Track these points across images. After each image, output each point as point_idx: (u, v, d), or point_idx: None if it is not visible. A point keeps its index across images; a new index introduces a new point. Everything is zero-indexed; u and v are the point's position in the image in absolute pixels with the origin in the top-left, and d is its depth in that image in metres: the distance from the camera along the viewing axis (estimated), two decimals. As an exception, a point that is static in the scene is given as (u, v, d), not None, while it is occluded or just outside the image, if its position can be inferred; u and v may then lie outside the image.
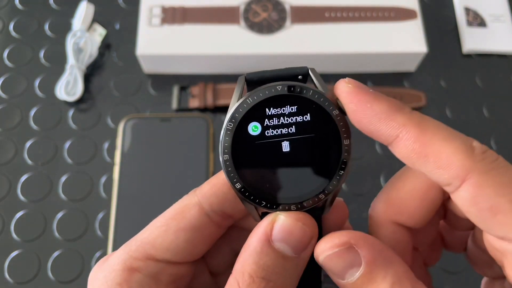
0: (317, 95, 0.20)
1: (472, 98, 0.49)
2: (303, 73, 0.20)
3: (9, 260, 0.40)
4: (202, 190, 0.22)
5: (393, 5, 0.49)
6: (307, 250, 0.19)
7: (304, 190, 0.20)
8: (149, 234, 0.22)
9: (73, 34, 0.47)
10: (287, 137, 0.20)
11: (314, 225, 0.20)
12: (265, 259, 0.19)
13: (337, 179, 0.20)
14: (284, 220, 0.19)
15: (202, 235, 0.22)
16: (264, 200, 0.20)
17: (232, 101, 0.20)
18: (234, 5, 0.48)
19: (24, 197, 0.43)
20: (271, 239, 0.19)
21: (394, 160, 0.48)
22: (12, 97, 0.47)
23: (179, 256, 0.21)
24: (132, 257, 0.21)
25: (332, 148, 0.20)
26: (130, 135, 0.44)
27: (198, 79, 0.48)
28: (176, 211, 0.22)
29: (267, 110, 0.20)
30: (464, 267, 0.42)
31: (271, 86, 0.20)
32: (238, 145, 0.19)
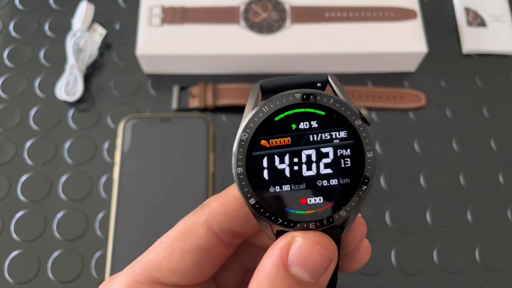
0: (339, 103, 0.18)
1: (472, 98, 0.49)
2: (322, 80, 0.19)
3: (9, 260, 0.40)
4: (210, 208, 0.20)
5: (393, 5, 0.49)
6: (326, 274, 0.18)
7: (323, 207, 0.18)
8: (154, 256, 0.20)
9: (73, 34, 0.47)
10: (306, 149, 0.18)
11: (334, 248, 0.18)
12: (281, 284, 0.17)
13: (360, 195, 0.18)
14: (302, 242, 0.18)
15: (210, 256, 0.20)
16: (280, 217, 0.18)
17: (246, 110, 0.19)
18: (234, 5, 0.48)
19: (24, 197, 0.43)
20: (287, 263, 0.17)
21: (394, 160, 0.49)
22: (12, 97, 0.47)
23: (186, 279, 0.20)
24: (137, 281, 0.20)
25: (355, 160, 0.18)
26: (130, 135, 0.44)
27: (198, 79, 0.48)
28: (181, 230, 0.20)
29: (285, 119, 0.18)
30: (464, 267, 0.42)
31: (288, 94, 0.18)
32: (253, 157, 0.18)
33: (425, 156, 0.46)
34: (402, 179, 0.45)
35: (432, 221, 0.43)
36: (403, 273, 0.41)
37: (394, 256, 0.42)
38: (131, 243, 0.40)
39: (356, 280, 0.41)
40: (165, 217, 0.41)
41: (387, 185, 0.44)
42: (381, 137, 0.46)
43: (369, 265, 0.41)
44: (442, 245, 0.42)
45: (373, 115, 0.48)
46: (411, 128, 0.47)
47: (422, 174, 0.45)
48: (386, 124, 0.47)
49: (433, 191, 0.44)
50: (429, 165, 0.46)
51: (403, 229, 0.43)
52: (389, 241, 0.42)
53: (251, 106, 0.19)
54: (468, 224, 0.43)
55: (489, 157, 0.46)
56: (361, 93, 0.48)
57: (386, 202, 0.44)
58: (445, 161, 0.46)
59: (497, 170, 0.46)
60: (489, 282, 0.41)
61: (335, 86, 0.19)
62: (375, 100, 0.48)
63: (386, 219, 0.43)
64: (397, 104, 0.48)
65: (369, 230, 0.43)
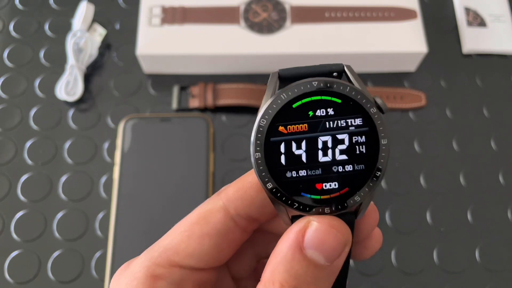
0: (354, 91, 0.19)
1: (472, 98, 0.49)
2: (338, 70, 0.20)
3: (9, 260, 0.40)
4: (228, 193, 0.21)
5: (393, 5, 0.49)
6: (340, 258, 0.18)
7: (338, 192, 0.19)
8: (172, 240, 0.21)
9: (73, 34, 0.47)
10: (322, 135, 0.19)
11: (348, 232, 0.19)
12: (297, 267, 0.18)
13: (374, 180, 0.19)
14: (317, 226, 0.18)
15: (227, 240, 0.21)
16: (296, 202, 0.19)
17: (265, 98, 0.19)
18: (234, 5, 0.48)
19: (24, 197, 0.43)
20: (303, 246, 0.18)
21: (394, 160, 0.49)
22: (12, 97, 0.47)
23: (204, 263, 0.21)
24: (155, 264, 0.20)
25: (370, 147, 0.19)
26: (130, 135, 0.44)
27: (198, 79, 0.48)
28: (199, 215, 0.21)
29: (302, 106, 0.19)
30: (464, 267, 0.42)
31: (305, 82, 0.19)
32: (271, 143, 0.19)
33: (425, 156, 0.46)
34: (402, 179, 0.45)
35: (432, 221, 0.43)
36: (403, 273, 0.41)
37: (394, 256, 0.42)
38: (131, 243, 0.40)
39: (356, 280, 0.41)
40: (165, 217, 0.41)
41: (387, 185, 0.44)
42: (381, 137, 0.46)
43: (369, 265, 0.41)
44: (442, 245, 0.42)
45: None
46: (411, 128, 0.47)
47: (422, 174, 0.45)
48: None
49: (433, 191, 0.44)
50: (429, 165, 0.46)
51: (403, 229, 0.43)
52: (389, 241, 0.42)
53: (269, 93, 0.19)
54: (468, 224, 0.43)
55: (489, 157, 0.46)
56: (361, 93, 0.48)
57: (386, 202, 0.44)
58: (445, 161, 0.46)
59: (497, 170, 0.46)
60: (489, 282, 0.41)
61: (350, 75, 0.19)
62: (375, 100, 0.48)
63: (386, 219, 0.43)
64: (397, 104, 0.48)
65: (369, 230, 0.43)
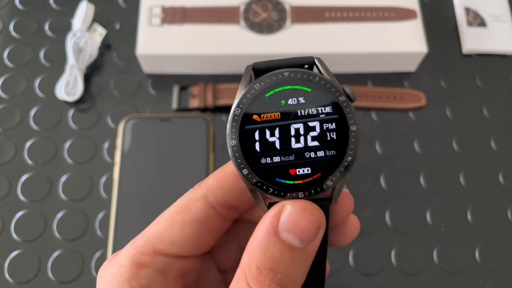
0: (323, 81, 0.20)
1: (472, 98, 0.49)
2: (309, 62, 0.21)
3: (9, 260, 0.40)
4: (207, 182, 0.22)
5: (393, 5, 0.49)
6: (315, 240, 0.19)
7: (311, 177, 0.19)
8: (156, 229, 0.21)
9: (73, 34, 0.47)
10: (294, 123, 0.19)
11: (321, 214, 0.19)
12: (272, 250, 0.18)
13: (345, 165, 0.20)
14: (291, 209, 0.19)
15: (208, 228, 0.22)
16: (271, 187, 0.19)
17: (239, 89, 0.20)
18: (234, 5, 0.48)
19: (24, 197, 0.43)
20: (277, 230, 0.18)
21: (394, 160, 0.49)
22: (12, 97, 0.47)
23: (186, 250, 0.21)
24: (140, 252, 0.21)
25: (340, 134, 0.20)
26: (130, 135, 0.44)
27: (198, 79, 0.48)
28: (181, 204, 0.22)
29: (275, 95, 0.19)
30: (464, 267, 0.42)
31: (277, 73, 0.20)
32: (246, 130, 0.19)
33: (425, 156, 0.46)
34: (402, 179, 0.45)
35: (432, 221, 0.43)
36: (403, 273, 0.41)
37: (394, 256, 0.42)
38: (131, 243, 0.40)
39: (356, 280, 0.41)
40: (165, 217, 0.41)
41: (387, 185, 0.44)
42: (381, 137, 0.46)
43: (369, 265, 0.41)
44: (442, 245, 0.42)
45: (373, 115, 0.48)
46: (411, 128, 0.47)
47: (422, 174, 0.45)
48: (386, 124, 0.47)
49: (433, 191, 0.44)
50: (429, 165, 0.45)
51: (403, 229, 0.43)
52: (389, 241, 0.42)
53: (244, 84, 0.20)
54: (468, 224, 0.43)
55: (489, 157, 0.46)
56: (361, 93, 0.48)
57: (386, 202, 0.44)
58: (445, 161, 0.46)
59: (497, 170, 0.46)
60: (489, 282, 0.41)
61: (321, 67, 0.20)
62: (375, 100, 0.48)
63: (386, 219, 0.43)
64: (397, 104, 0.48)
65: (369, 230, 0.43)
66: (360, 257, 0.41)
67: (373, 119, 0.47)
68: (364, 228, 0.43)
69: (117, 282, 0.20)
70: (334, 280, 0.41)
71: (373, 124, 0.47)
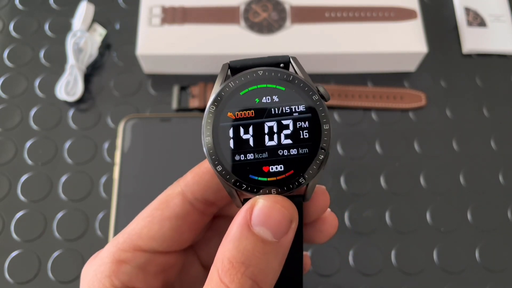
0: (297, 80, 0.20)
1: (472, 98, 0.49)
2: (284, 61, 0.21)
3: (9, 260, 0.40)
4: (185, 179, 0.22)
5: (393, 5, 0.49)
6: (288, 234, 0.19)
7: (284, 175, 0.20)
8: (136, 226, 0.22)
9: (73, 34, 0.47)
10: (268, 121, 0.20)
11: (293, 208, 0.20)
12: (245, 243, 0.18)
13: (317, 163, 0.20)
14: (263, 203, 0.19)
15: (187, 223, 0.22)
16: (244, 184, 0.20)
17: (215, 86, 0.20)
18: (234, 5, 0.48)
19: (24, 197, 0.43)
20: (250, 224, 0.18)
21: (394, 160, 0.49)
22: (12, 97, 0.47)
23: (166, 245, 0.22)
24: (120, 249, 0.21)
25: (313, 132, 0.20)
26: (130, 135, 0.44)
27: (198, 79, 0.48)
28: (160, 201, 0.22)
29: (249, 94, 0.20)
30: (464, 267, 0.42)
31: (252, 72, 0.20)
32: (220, 128, 0.20)
33: (425, 156, 0.46)
34: (402, 179, 0.45)
35: (432, 221, 0.43)
36: (403, 273, 0.41)
37: (394, 256, 0.42)
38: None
39: (356, 280, 0.41)
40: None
41: (387, 185, 0.44)
42: (381, 137, 0.46)
43: (369, 265, 0.41)
44: (442, 245, 0.42)
45: (373, 115, 0.48)
46: (411, 128, 0.47)
47: (422, 174, 0.45)
48: (386, 124, 0.47)
49: (433, 191, 0.44)
50: (429, 165, 0.46)
51: (403, 229, 0.43)
52: (389, 241, 0.42)
53: (219, 82, 0.20)
54: (468, 224, 0.43)
55: (489, 157, 0.46)
56: (361, 93, 0.48)
57: (386, 202, 0.44)
58: (445, 161, 0.46)
59: (497, 170, 0.46)
60: (489, 282, 0.41)
61: (296, 66, 0.21)
62: (375, 100, 0.48)
63: (386, 219, 0.43)
64: (397, 104, 0.48)
65: (369, 230, 0.43)
66: (360, 257, 0.41)
67: (373, 119, 0.47)
68: (364, 228, 0.43)
69: (98, 278, 0.21)
70: (334, 280, 0.41)
71: (373, 124, 0.47)
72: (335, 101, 0.47)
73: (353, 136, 0.46)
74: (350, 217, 0.43)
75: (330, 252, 0.41)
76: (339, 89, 0.48)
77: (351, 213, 0.43)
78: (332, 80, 0.49)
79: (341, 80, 0.49)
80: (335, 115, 0.47)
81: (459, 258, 0.42)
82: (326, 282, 0.41)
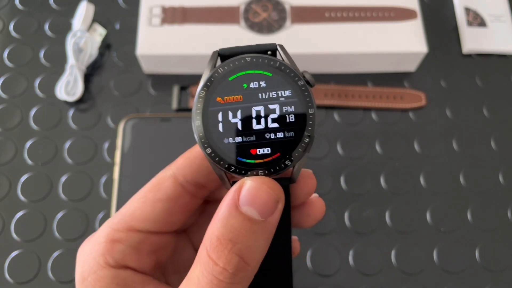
0: (284, 66, 0.21)
1: (472, 98, 0.49)
2: (272, 49, 0.22)
3: (9, 260, 0.40)
4: (177, 163, 0.23)
5: (393, 5, 0.49)
6: (275, 214, 0.20)
7: (271, 157, 0.20)
8: (130, 207, 0.23)
9: (73, 34, 0.47)
10: (255, 105, 0.20)
11: (280, 189, 0.20)
12: (232, 221, 0.19)
13: (303, 146, 0.20)
14: (251, 184, 0.19)
15: (178, 205, 0.23)
16: (233, 166, 0.20)
17: (205, 72, 0.21)
18: (234, 5, 0.48)
19: (24, 197, 0.43)
20: (238, 204, 0.19)
21: (394, 160, 0.49)
22: (12, 97, 0.47)
23: (158, 226, 0.23)
24: (114, 229, 0.22)
25: (298, 117, 0.20)
26: (130, 135, 0.44)
27: (198, 79, 0.48)
28: (152, 184, 0.23)
29: (237, 79, 0.20)
30: (464, 267, 0.42)
31: (240, 58, 0.21)
32: (209, 112, 0.20)
33: (425, 156, 0.46)
34: (402, 179, 0.45)
35: (432, 221, 0.43)
36: (403, 273, 0.41)
37: (394, 256, 0.42)
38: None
39: (356, 280, 0.41)
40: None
41: (387, 185, 0.44)
42: (381, 137, 0.46)
43: (369, 265, 0.41)
44: (442, 245, 0.42)
45: (373, 115, 0.48)
46: (411, 128, 0.47)
47: (422, 174, 0.45)
48: (386, 124, 0.47)
49: (433, 191, 0.44)
50: (429, 165, 0.46)
51: (403, 229, 0.43)
52: (389, 241, 0.42)
53: (209, 68, 0.21)
54: (468, 224, 0.43)
55: (489, 157, 0.46)
56: (361, 93, 0.48)
57: (386, 202, 0.44)
58: (445, 161, 0.46)
59: (497, 170, 0.46)
60: (489, 282, 0.41)
61: (282, 54, 0.21)
62: (375, 100, 0.48)
63: (386, 219, 0.43)
64: (397, 104, 0.48)
65: (369, 230, 0.43)
66: (360, 257, 0.41)
67: (373, 119, 0.47)
68: (364, 228, 0.43)
69: (93, 257, 0.22)
70: (334, 280, 0.41)
71: (373, 124, 0.47)
72: (335, 101, 0.47)
73: (353, 136, 0.46)
74: (350, 217, 0.43)
75: (330, 252, 0.41)
76: (339, 89, 0.48)
77: (351, 213, 0.43)
78: (332, 80, 0.49)
79: (341, 80, 0.49)
80: (335, 115, 0.47)
81: (459, 258, 0.42)
82: (326, 282, 0.41)
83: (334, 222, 0.43)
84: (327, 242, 0.42)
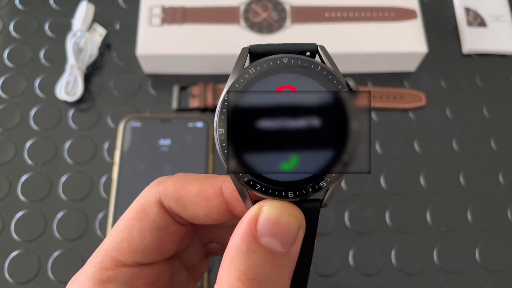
0: (326, 71, 0.17)
1: (472, 98, 0.49)
2: (311, 49, 0.18)
3: (9, 260, 0.40)
4: (166, 189, 0.20)
5: (393, 5, 0.49)
6: (296, 243, 0.17)
7: (304, 177, 0.17)
8: (113, 240, 0.20)
9: (73, 34, 0.47)
10: (289, 114, 0.17)
11: (301, 215, 0.18)
12: (253, 257, 0.16)
13: (343, 164, 0.17)
14: (269, 211, 0.17)
15: (168, 234, 0.20)
16: (259, 184, 0.17)
17: (232, 72, 0.18)
18: (234, 5, 0.48)
19: (24, 197, 0.43)
20: (256, 235, 0.16)
21: (394, 160, 0.49)
22: (12, 97, 0.47)
23: (149, 257, 0.20)
24: (100, 268, 0.20)
25: (338, 131, 0.17)
26: (130, 135, 0.44)
27: (198, 79, 0.48)
28: (137, 211, 0.20)
29: (270, 82, 0.17)
30: (464, 267, 0.42)
31: (276, 58, 0.18)
32: (236, 119, 0.17)
33: (425, 156, 0.46)
34: (402, 179, 0.45)
35: (432, 221, 0.43)
36: (403, 273, 0.41)
37: (394, 256, 0.42)
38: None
39: (356, 280, 0.41)
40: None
41: (387, 185, 0.44)
42: (381, 137, 0.46)
43: (369, 265, 0.41)
44: (442, 245, 0.42)
45: (373, 115, 0.48)
46: (411, 128, 0.47)
47: (422, 174, 0.45)
48: (386, 124, 0.47)
49: (433, 191, 0.44)
50: (429, 165, 0.45)
51: (403, 229, 0.43)
52: (389, 241, 0.42)
53: (237, 68, 0.18)
54: (468, 224, 0.43)
55: (489, 157, 0.46)
56: (361, 93, 0.48)
57: (386, 202, 0.44)
58: (445, 161, 0.46)
59: (497, 170, 0.46)
60: (489, 282, 0.41)
61: (324, 56, 0.18)
62: (375, 100, 0.48)
63: (386, 219, 0.43)
64: (397, 104, 0.48)
65: (369, 230, 0.43)
66: (360, 257, 0.41)
67: (373, 119, 0.47)
68: (364, 228, 0.43)
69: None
70: (334, 280, 0.41)
71: (373, 124, 0.47)
72: (335, 101, 0.47)
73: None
74: (350, 217, 0.43)
75: (330, 252, 0.41)
76: (339, 89, 0.48)
77: (351, 213, 0.43)
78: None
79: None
80: (335, 115, 0.47)
81: (459, 258, 0.42)
82: (326, 282, 0.41)
83: (334, 222, 0.43)
84: (327, 242, 0.42)
